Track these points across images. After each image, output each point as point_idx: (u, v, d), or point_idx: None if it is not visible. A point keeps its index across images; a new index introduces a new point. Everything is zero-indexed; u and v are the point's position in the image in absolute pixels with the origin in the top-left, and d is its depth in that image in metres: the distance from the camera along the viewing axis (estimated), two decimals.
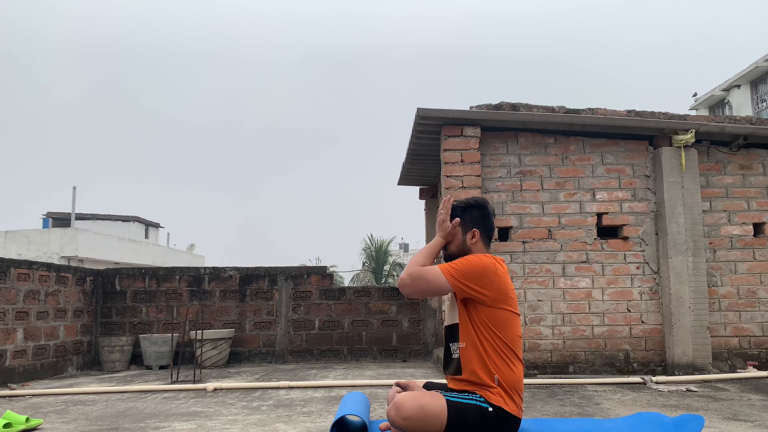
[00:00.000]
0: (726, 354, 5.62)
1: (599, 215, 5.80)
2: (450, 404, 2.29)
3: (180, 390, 5.09)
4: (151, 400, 4.58)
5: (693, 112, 23.27)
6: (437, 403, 2.30)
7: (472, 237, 2.48)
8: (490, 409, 2.28)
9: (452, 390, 2.41)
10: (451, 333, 2.47)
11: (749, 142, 5.81)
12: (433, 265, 2.40)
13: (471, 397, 2.32)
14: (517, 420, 2.34)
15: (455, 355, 2.42)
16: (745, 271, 5.74)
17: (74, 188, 23.17)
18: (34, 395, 4.97)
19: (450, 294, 2.44)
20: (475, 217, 2.50)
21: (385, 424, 2.40)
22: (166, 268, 8.11)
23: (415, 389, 2.52)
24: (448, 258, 2.53)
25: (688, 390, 4.61)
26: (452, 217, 2.53)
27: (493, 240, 5.66)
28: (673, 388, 4.72)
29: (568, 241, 5.74)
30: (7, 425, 3.40)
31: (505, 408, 2.29)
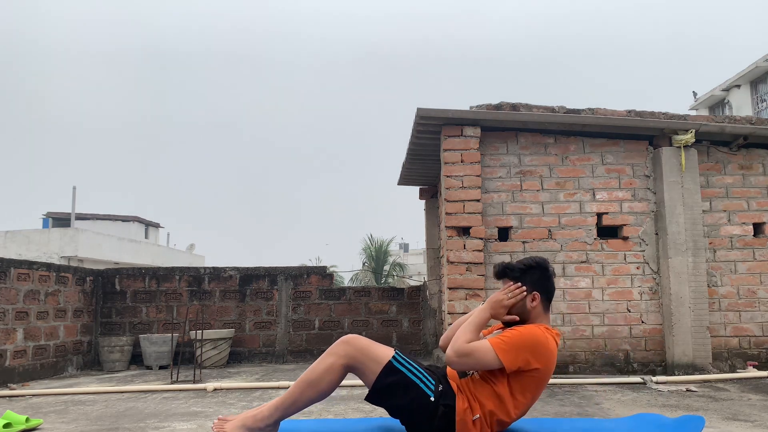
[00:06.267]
0: (726, 354, 5.62)
1: (599, 215, 5.80)
2: (392, 366, 2.21)
3: (180, 390, 5.09)
4: (151, 400, 4.58)
5: (693, 112, 23.27)
6: (384, 352, 2.25)
7: (532, 300, 2.35)
8: (432, 399, 2.18)
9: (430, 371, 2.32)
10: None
11: (749, 142, 5.81)
12: (482, 341, 2.25)
13: (426, 380, 2.23)
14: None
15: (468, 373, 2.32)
16: (745, 271, 5.74)
17: (74, 188, 23.21)
18: (34, 395, 4.97)
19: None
20: (536, 279, 2.37)
21: None
22: (166, 268, 8.12)
23: None
24: (505, 322, 2.41)
25: (688, 390, 4.61)
26: (508, 278, 2.39)
27: (493, 240, 5.70)
28: (673, 388, 4.72)
29: (568, 241, 5.74)
30: (7, 425, 3.40)
31: (461, 411, 2.18)
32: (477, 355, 2.19)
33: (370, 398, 2.27)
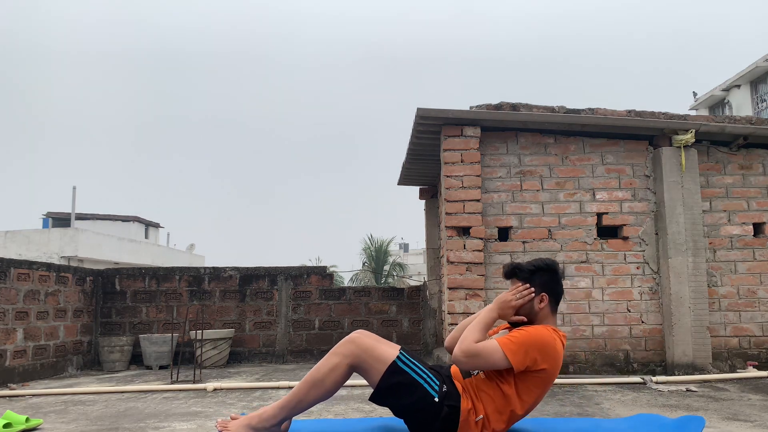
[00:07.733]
0: (726, 354, 5.62)
1: (599, 215, 5.80)
2: (397, 366, 2.20)
3: (180, 390, 5.09)
4: (151, 400, 4.58)
5: (693, 112, 23.27)
6: (388, 351, 2.24)
7: (540, 302, 2.34)
8: (437, 399, 2.17)
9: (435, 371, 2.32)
10: None
11: (749, 142, 5.81)
12: (490, 340, 2.25)
13: (431, 380, 2.22)
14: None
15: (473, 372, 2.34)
16: (745, 271, 5.74)
17: (74, 188, 23.19)
18: (34, 395, 4.97)
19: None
20: (545, 281, 2.36)
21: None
22: (166, 268, 8.12)
23: None
24: (512, 323, 2.41)
25: (688, 390, 4.61)
26: (517, 278, 2.39)
27: (493, 240, 5.70)
28: (673, 388, 4.72)
29: (568, 241, 5.74)
30: (7, 425, 3.40)
31: (466, 413, 2.19)
32: (485, 354, 2.19)
33: (374, 398, 2.25)
